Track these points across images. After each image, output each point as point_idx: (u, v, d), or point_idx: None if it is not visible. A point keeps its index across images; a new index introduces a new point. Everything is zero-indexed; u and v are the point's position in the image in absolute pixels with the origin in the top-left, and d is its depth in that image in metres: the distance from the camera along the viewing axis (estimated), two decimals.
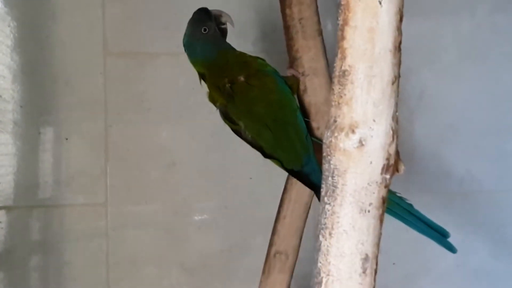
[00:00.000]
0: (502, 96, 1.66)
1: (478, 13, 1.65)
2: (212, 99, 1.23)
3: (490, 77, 1.66)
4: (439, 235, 1.22)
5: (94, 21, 1.57)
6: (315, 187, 1.20)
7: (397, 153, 0.78)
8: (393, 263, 1.64)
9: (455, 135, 1.66)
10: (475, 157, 1.66)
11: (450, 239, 1.22)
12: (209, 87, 1.23)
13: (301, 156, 1.19)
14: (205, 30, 1.21)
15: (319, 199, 1.21)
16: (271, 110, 1.19)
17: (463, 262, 1.66)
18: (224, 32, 1.25)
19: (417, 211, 1.21)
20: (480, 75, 1.65)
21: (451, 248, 1.22)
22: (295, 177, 1.24)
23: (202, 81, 1.24)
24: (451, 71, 1.65)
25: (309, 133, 1.21)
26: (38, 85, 1.55)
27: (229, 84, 1.19)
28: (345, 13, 0.75)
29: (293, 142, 1.19)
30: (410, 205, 1.21)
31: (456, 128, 1.65)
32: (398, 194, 1.19)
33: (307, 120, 1.24)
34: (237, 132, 1.23)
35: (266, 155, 1.22)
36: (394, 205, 1.18)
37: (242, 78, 1.18)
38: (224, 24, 1.24)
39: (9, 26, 1.54)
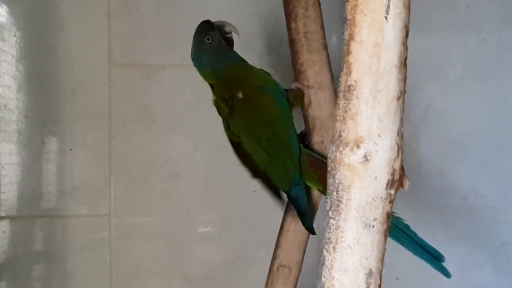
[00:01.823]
0: (507, 112, 1.66)
1: (485, 29, 1.65)
2: (217, 105, 1.24)
3: (496, 93, 1.66)
4: (434, 258, 1.20)
5: (100, 33, 1.57)
6: (298, 211, 1.20)
7: (402, 168, 0.78)
8: (396, 278, 1.63)
9: (460, 151, 1.65)
10: (480, 173, 1.66)
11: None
12: (217, 97, 1.23)
13: (291, 178, 1.19)
14: (208, 39, 1.22)
15: (302, 222, 1.21)
16: (266, 129, 1.19)
17: (466, 277, 1.65)
18: (230, 42, 1.25)
19: (414, 233, 1.19)
20: (485, 91, 1.65)
21: (446, 273, 1.20)
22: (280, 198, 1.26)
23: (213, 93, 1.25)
24: (457, 87, 1.65)
25: (309, 151, 1.22)
26: (43, 95, 1.56)
27: (231, 99, 1.19)
28: (351, 28, 0.75)
29: (285, 163, 1.19)
30: (407, 226, 1.19)
31: (461, 144, 1.65)
32: (396, 214, 1.18)
33: (302, 145, 1.23)
34: (234, 145, 1.23)
35: (257, 174, 1.23)
36: (390, 225, 1.17)
37: (240, 95, 1.19)
38: (228, 33, 1.24)
39: (15, 36, 1.54)
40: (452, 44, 1.65)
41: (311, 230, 1.21)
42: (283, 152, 1.19)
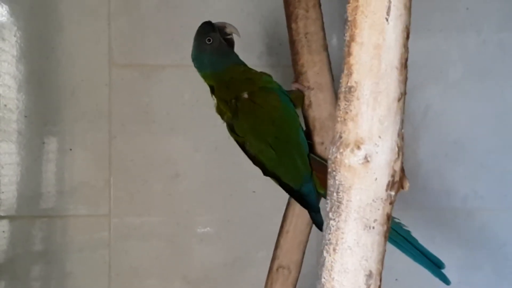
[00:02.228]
0: (507, 113, 1.66)
1: (484, 30, 1.65)
2: (220, 111, 1.23)
3: (496, 94, 1.66)
4: (434, 265, 1.20)
5: (100, 33, 1.57)
6: (310, 207, 1.21)
7: (402, 169, 0.78)
8: (396, 279, 1.63)
9: (460, 152, 1.65)
10: (480, 175, 1.66)
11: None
12: (217, 100, 1.23)
13: (302, 174, 1.19)
14: (209, 40, 1.21)
15: (312, 218, 1.21)
16: (273, 128, 1.18)
17: (466, 278, 1.65)
18: (231, 43, 1.24)
19: (414, 239, 1.19)
20: (485, 92, 1.65)
21: (445, 280, 1.20)
22: (292, 195, 1.24)
23: (212, 94, 1.24)
24: (457, 88, 1.65)
25: (310, 153, 1.21)
26: (43, 95, 1.56)
27: (234, 100, 1.19)
28: (352, 29, 0.75)
29: (294, 160, 1.19)
30: (408, 232, 1.19)
31: (460, 145, 1.65)
32: (397, 220, 1.18)
33: (310, 142, 1.23)
34: (241, 146, 1.22)
35: (267, 172, 1.22)
36: (391, 231, 1.17)
37: (245, 95, 1.18)
38: (229, 35, 1.24)
39: (15, 36, 1.54)
40: (452, 45, 1.65)
41: (321, 226, 1.20)
42: (292, 149, 1.19)
